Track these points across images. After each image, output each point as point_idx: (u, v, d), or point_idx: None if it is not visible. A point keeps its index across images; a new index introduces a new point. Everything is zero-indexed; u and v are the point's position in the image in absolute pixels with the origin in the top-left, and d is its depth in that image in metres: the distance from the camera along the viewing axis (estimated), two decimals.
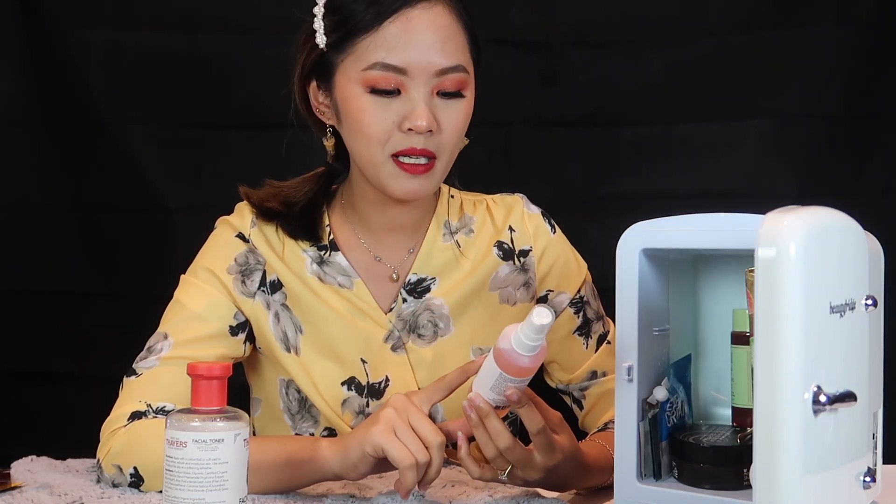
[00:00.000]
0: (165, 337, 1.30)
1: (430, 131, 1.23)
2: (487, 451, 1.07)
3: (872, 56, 1.89)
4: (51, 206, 1.96)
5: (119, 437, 1.21)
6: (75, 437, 1.80)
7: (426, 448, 1.06)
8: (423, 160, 1.24)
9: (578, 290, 1.39)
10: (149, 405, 1.24)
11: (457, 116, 1.26)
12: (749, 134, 1.92)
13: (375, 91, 1.22)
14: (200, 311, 1.30)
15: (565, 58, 1.93)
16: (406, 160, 1.24)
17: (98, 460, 1.21)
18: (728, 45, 1.91)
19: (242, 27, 1.93)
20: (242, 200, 1.38)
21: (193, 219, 1.47)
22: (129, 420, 1.23)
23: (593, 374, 1.38)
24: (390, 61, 1.21)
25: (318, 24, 1.27)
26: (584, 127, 1.94)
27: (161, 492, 1.03)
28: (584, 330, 1.39)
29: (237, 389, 1.19)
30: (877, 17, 1.89)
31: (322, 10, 1.27)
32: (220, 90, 1.95)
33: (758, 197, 1.86)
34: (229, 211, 1.39)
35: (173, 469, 0.91)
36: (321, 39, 1.26)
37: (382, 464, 1.09)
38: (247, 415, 0.95)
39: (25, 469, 1.25)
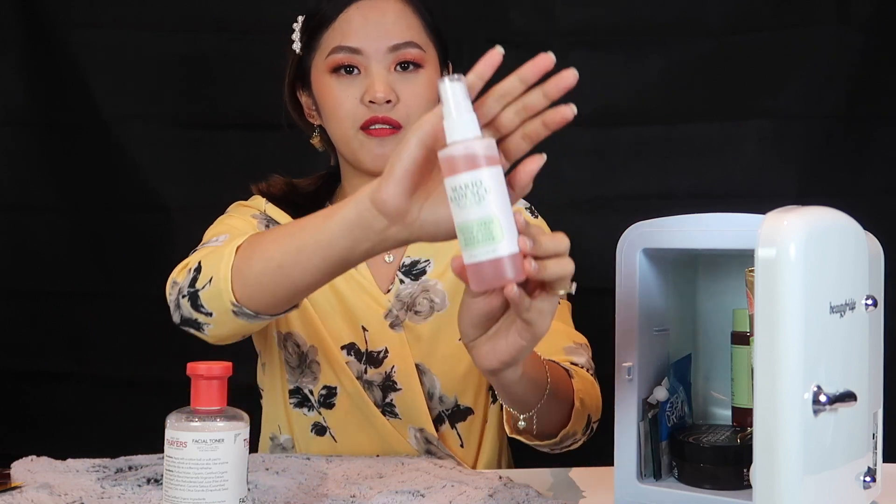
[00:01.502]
0: (215, 238, 1.26)
1: (389, 101, 1.31)
2: (563, 266, 0.91)
3: (872, 56, 1.89)
4: (51, 206, 1.96)
5: (192, 258, 1.18)
6: (75, 437, 1.80)
7: None
8: (387, 127, 1.32)
9: None
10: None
11: (416, 88, 1.33)
12: (749, 134, 1.92)
13: (337, 70, 1.33)
14: (238, 225, 1.34)
15: (565, 58, 1.93)
16: (373, 127, 1.32)
17: (170, 282, 1.19)
18: (728, 45, 1.91)
19: (242, 27, 1.93)
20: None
21: (193, 219, 1.48)
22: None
23: None
24: (346, 43, 1.32)
25: (296, 35, 1.39)
26: (584, 127, 1.94)
27: (209, 281, 1.08)
28: None
29: (237, 389, 1.19)
30: (877, 17, 1.89)
31: (300, 24, 1.40)
32: (220, 90, 1.95)
33: (758, 197, 1.86)
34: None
35: (173, 469, 0.91)
36: (297, 45, 1.39)
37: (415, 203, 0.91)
38: (247, 415, 0.95)
39: (25, 469, 1.25)
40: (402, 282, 1.39)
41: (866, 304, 0.94)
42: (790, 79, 1.90)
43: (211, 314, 1.12)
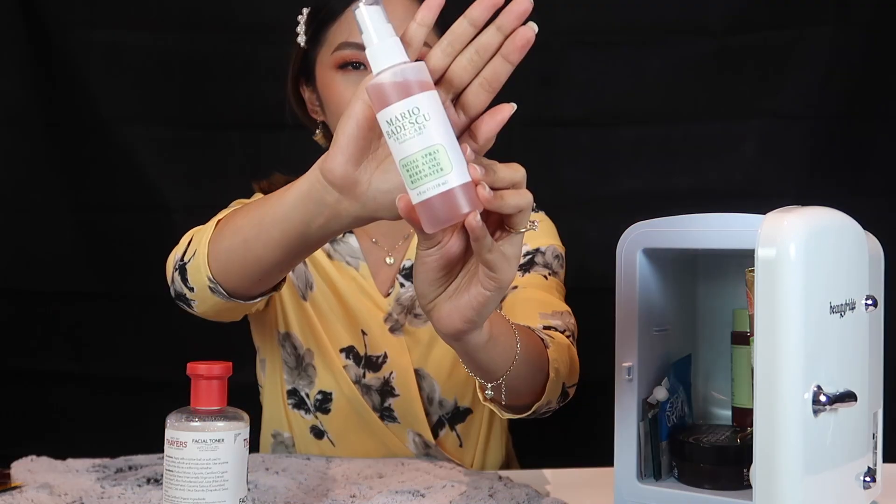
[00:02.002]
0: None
1: None
2: (522, 197, 0.84)
3: (872, 56, 1.89)
4: (51, 206, 1.96)
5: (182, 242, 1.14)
6: (75, 437, 1.80)
7: None
8: None
9: (538, 246, 1.37)
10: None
11: None
12: (749, 134, 1.92)
13: (343, 66, 1.30)
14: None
15: (564, 58, 1.94)
16: None
17: (169, 260, 1.16)
18: (728, 45, 1.91)
19: (242, 27, 1.93)
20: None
21: (193, 219, 1.47)
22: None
23: (513, 289, 1.30)
24: (354, 39, 1.29)
25: (301, 28, 1.37)
26: (584, 127, 1.95)
27: (193, 254, 1.05)
28: (525, 267, 1.35)
29: (237, 389, 1.19)
30: (876, 17, 1.89)
31: (305, 17, 1.38)
32: (220, 90, 1.95)
33: (758, 197, 1.86)
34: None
35: (173, 469, 0.91)
36: (301, 39, 1.36)
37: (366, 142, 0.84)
38: (247, 415, 0.95)
39: (25, 469, 1.25)
40: (402, 285, 1.38)
41: (866, 304, 0.94)
42: (790, 79, 1.90)
43: (193, 289, 1.09)
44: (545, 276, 1.37)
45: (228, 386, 0.95)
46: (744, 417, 1.12)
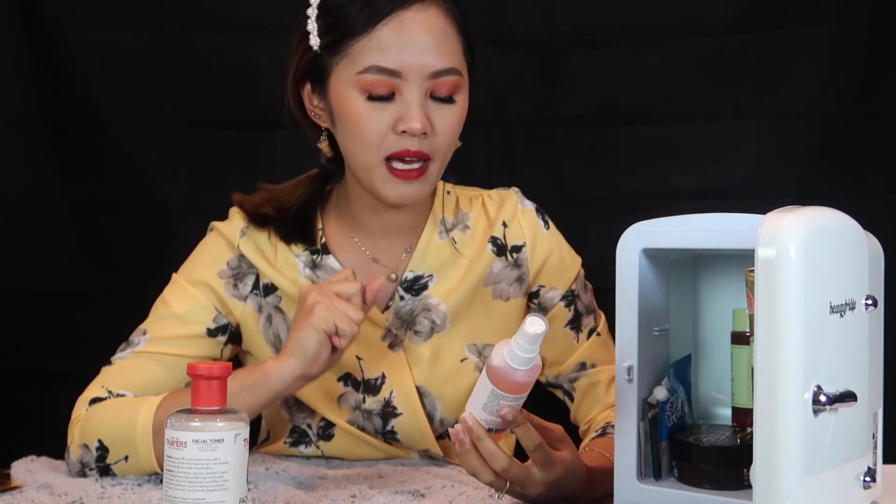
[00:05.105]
0: (144, 333, 1.33)
1: (425, 133, 1.23)
2: (483, 476, 1.05)
3: (872, 56, 1.89)
4: (51, 206, 1.96)
5: (80, 422, 1.27)
6: None
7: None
8: (416, 164, 1.25)
9: (570, 285, 1.40)
10: (109, 392, 1.29)
11: (450, 119, 1.26)
12: (749, 134, 1.92)
13: (371, 97, 1.23)
14: (182, 311, 1.33)
15: (565, 58, 1.94)
16: (399, 166, 1.24)
17: (67, 451, 1.27)
18: (728, 45, 1.91)
19: (242, 27, 1.93)
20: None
21: (193, 219, 1.48)
22: (88, 406, 1.29)
23: (582, 366, 1.38)
24: (384, 64, 1.21)
25: (312, 26, 1.26)
26: (584, 127, 1.94)
27: (125, 459, 1.21)
28: (574, 324, 1.39)
29: None
30: (877, 17, 1.89)
31: (315, 11, 1.27)
32: (220, 90, 1.95)
33: (758, 197, 1.86)
34: (228, 212, 1.40)
35: (173, 469, 0.91)
36: (315, 41, 1.26)
37: (333, 354, 1.18)
38: (246, 415, 0.95)
39: (25, 469, 1.25)
40: (402, 297, 1.34)
41: (866, 304, 0.94)
42: (790, 79, 1.90)
43: (125, 476, 1.22)
44: (597, 332, 1.39)
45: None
46: (744, 417, 1.12)
